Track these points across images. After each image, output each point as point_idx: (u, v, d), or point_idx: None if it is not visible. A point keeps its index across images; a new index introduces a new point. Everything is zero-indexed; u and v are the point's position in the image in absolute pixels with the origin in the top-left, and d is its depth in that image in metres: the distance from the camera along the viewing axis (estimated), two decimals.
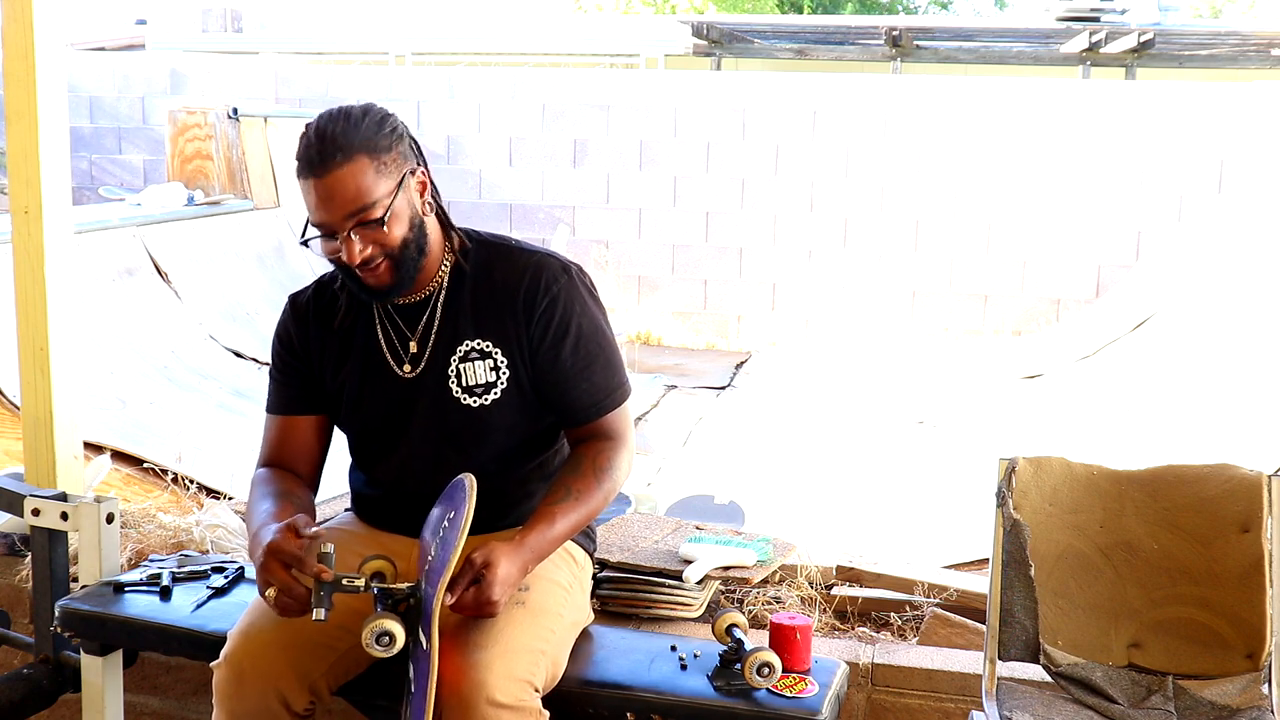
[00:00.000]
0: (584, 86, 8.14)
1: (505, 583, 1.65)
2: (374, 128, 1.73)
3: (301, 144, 1.74)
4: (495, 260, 1.85)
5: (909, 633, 2.39)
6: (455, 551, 1.55)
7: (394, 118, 1.79)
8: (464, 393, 1.82)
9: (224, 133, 6.90)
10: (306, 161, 1.71)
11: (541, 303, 1.80)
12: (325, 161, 1.69)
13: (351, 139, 1.70)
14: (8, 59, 2.39)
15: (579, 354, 1.81)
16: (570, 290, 1.82)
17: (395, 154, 1.74)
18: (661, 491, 4.18)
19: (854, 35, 10.81)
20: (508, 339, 1.81)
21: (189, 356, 5.44)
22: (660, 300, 8.02)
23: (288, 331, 1.94)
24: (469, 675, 1.61)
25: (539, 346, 1.81)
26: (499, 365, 1.82)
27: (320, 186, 1.70)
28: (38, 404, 2.46)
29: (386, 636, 1.55)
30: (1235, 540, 1.92)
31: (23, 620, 2.56)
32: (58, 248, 2.45)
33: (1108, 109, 7.42)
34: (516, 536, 1.71)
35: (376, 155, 1.72)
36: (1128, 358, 5.92)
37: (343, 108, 1.76)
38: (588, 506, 1.79)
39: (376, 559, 1.72)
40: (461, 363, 1.82)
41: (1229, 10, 19.35)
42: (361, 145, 1.71)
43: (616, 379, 1.86)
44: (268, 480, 1.88)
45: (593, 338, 1.83)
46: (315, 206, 1.73)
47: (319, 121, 1.74)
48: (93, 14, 14.30)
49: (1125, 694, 1.92)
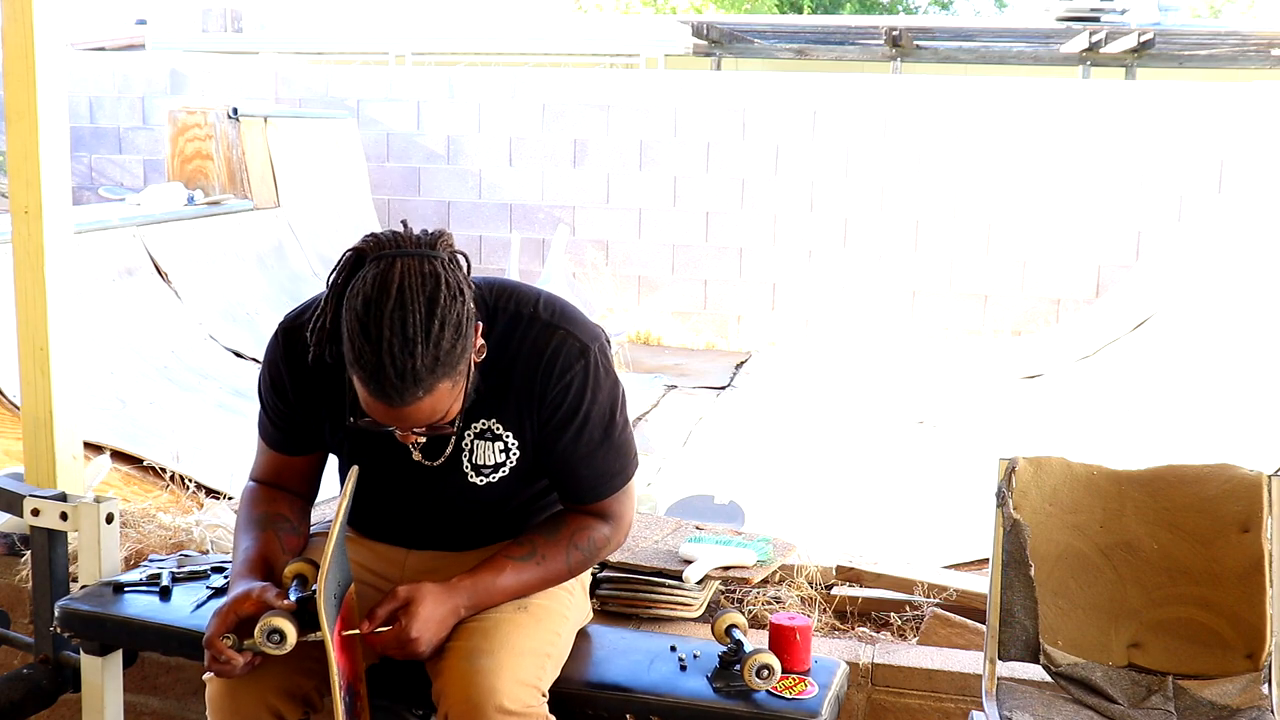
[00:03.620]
0: (584, 86, 8.14)
1: (428, 624, 1.63)
2: (452, 340, 1.51)
3: (367, 361, 1.49)
4: (511, 337, 1.71)
5: (909, 633, 2.39)
6: (330, 542, 1.56)
7: (465, 301, 1.54)
8: (473, 471, 1.75)
9: (224, 133, 6.90)
10: (376, 389, 1.50)
11: (554, 389, 1.70)
12: (405, 398, 1.50)
13: (434, 369, 1.50)
14: (8, 59, 2.39)
15: (582, 441, 1.73)
16: (585, 375, 1.70)
17: (468, 353, 1.56)
18: (661, 491, 4.18)
19: (854, 35, 10.81)
20: (519, 421, 1.73)
21: (189, 356, 5.44)
22: (660, 300, 8.02)
23: (279, 371, 1.77)
24: (477, 681, 1.60)
25: (544, 428, 1.72)
26: (509, 447, 1.74)
27: (392, 413, 1.53)
28: (38, 404, 2.46)
29: (277, 634, 1.58)
30: (1235, 540, 1.92)
31: (23, 620, 2.56)
32: (58, 248, 2.45)
33: (1108, 109, 7.42)
34: (455, 579, 1.69)
35: (454, 372, 1.54)
36: (1128, 358, 5.92)
37: (411, 317, 1.47)
38: (546, 575, 1.75)
39: (299, 562, 1.73)
40: (476, 439, 1.74)
41: (1229, 10, 19.34)
42: (444, 373, 1.51)
43: (619, 463, 1.78)
44: (255, 502, 1.84)
45: (600, 424, 1.73)
46: (382, 418, 1.56)
47: (390, 346, 1.47)
48: (93, 14, 14.30)
49: (1125, 694, 1.92)
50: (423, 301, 1.49)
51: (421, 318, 1.48)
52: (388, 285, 1.49)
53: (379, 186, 8.28)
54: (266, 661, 1.64)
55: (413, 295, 1.49)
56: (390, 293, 1.48)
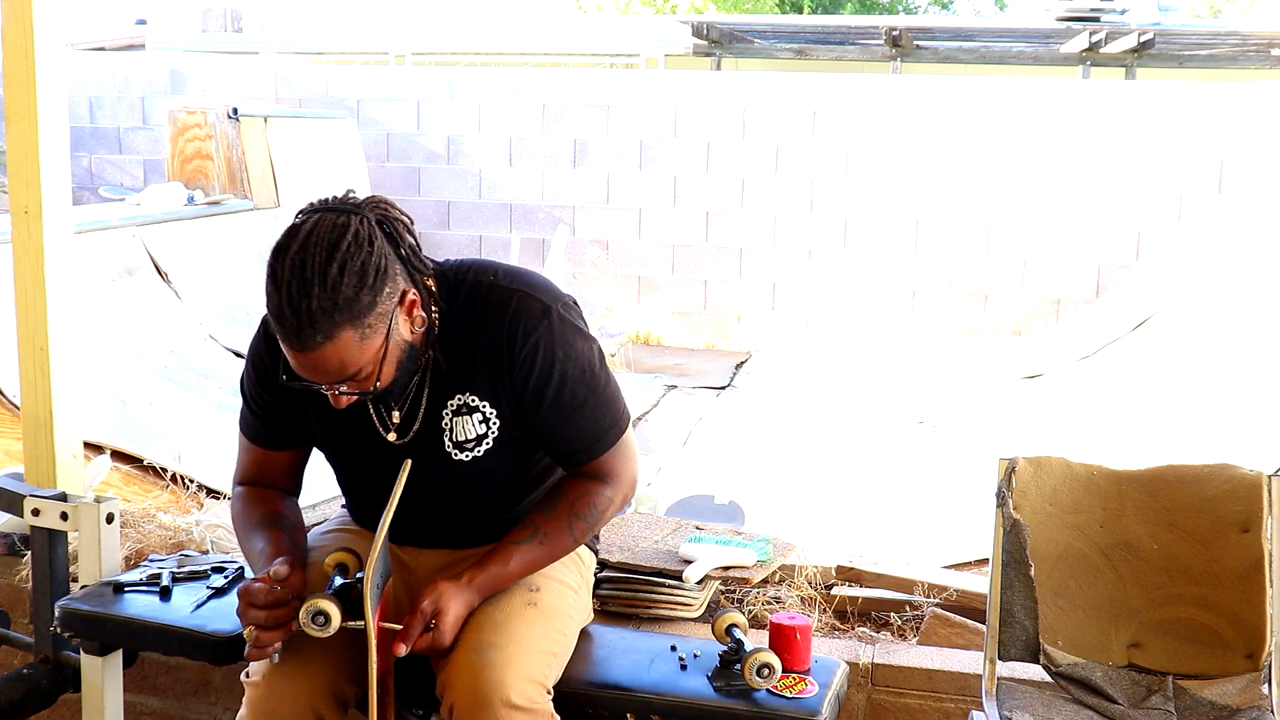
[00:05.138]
0: (584, 86, 8.14)
1: (456, 625, 1.66)
2: (354, 286, 1.52)
3: (271, 305, 1.53)
4: (474, 307, 1.71)
5: (909, 633, 2.39)
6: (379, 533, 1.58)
7: (372, 251, 1.56)
8: (455, 448, 1.75)
9: (224, 133, 6.90)
10: (281, 333, 1.54)
11: (522, 352, 1.68)
12: (304, 341, 1.52)
13: (332, 314, 1.51)
14: (8, 59, 2.39)
15: (563, 401, 1.71)
16: (551, 334, 1.69)
17: (381, 306, 1.57)
18: (661, 491, 4.18)
19: (854, 35, 10.81)
20: (493, 391, 1.72)
21: (189, 356, 5.44)
22: (660, 300, 8.02)
23: (262, 361, 1.79)
24: (485, 675, 1.60)
25: (522, 395, 1.71)
26: (488, 418, 1.74)
27: (301, 359, 1.56)
28: (38, 404, 2.46)
29: (321, 616, 1.59)
30: (1235, 540, 1.92)
31: (23, 620, 2.56)
32: (58, 248, 2.45)
33: (1108, 109, 7.42)
34: (466, 574, 1.69)
35: (362, 322, 1.54)
36: (1128, 358, 5.92)
37: (310, 259, 1.51)
38: (552, 549, 1.75)
39: (341, 551, 1.77)
40: (454, 417, 1.74)
41: (1229, 10, 19.35)
42: (344, 319, 1.52)
43: (609, 419, 1.76)
44: (251, 504, 1.85)
45: (580, 381, 1.71)
46: (297, 369, 1.59)
47: (288, 288, 1.51)
48: (93, 14, 14.30)
49: (1125, 694, 1.92)
50: (324, 247, 1.52)
51: (320, 261, 1.52)
52: (296, 233, 1.56)
53: (379, 186, 8.27)
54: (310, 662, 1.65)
55: (316, 241, 1.53)
56: (297, 239, 1.54)
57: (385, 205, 1.64)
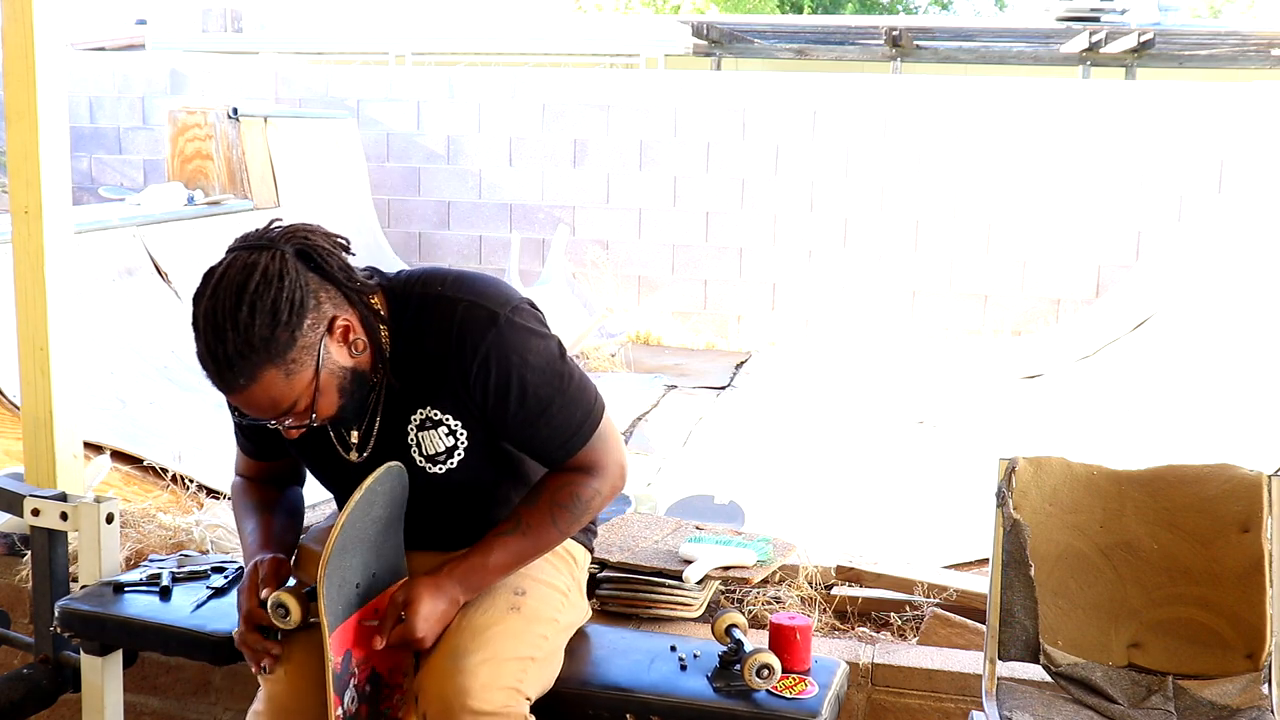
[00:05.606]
0: (584, 86, 8.14)
1: (429, 620, 1.65)
2: (268, 326, 1.51)
3: (197, 354, 1.55)
4: (424, 321, 1.68)
5: (909, 633, 2.39)
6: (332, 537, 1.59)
7: (284, 286, 1.53)
8: (428, 462, 1.74)
9: (224, 133, 6.90)
10: (207, 377, 1.56)
11: (474, 363, 1.65)
12: (228, 384, 1.54)
13: (248, 355, 1.51)
14: (8, 59, 2.39)
15: (528, 406, 1.68)
16: (502, 340, 1.65)
17: (304, 339, 1.55)
18: (661, 491, 4.18)
19: (854, 35, 10.80)
20: (455, 403, 1.70)
21: (189, 356, 5.38)
22: (660, 300, 8.02)
23: None
24: (454, 681, 1.61)
25: (485, 405, 1.69)
26: (454, 430, 1.72)
27: (233, 399, 1.59)
28: (38, 404, 2.46)
29: (282, 609, 1.67)
30: (1235, 540, 1.92)
31: (23, 620, 2.56)
32: (58, 248, 2.45)
33: (1108, 109, 7.42)
34: (445, 568, 1.69)
35: (284, 359, 1.53)
36: (1128, 358, 5.92)
37: (220, 305, 1.51)
38: (536, 542, 1.73)
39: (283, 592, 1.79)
40: (419, 432, 1.73)
41: (1229, 10, 19.35)
42: (262, 359, 1.52)
43: (580, 414, 1.72)
44: (248, 491, 1.91)
45: (542, 383, 1.68)
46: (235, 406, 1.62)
47: (205, 335, 1.52)
48: (93, 14, 14.30)
49: (1125, 694, 1.92)
50: (233, 291, 1.52)
51: (230, 306, 1.51)
52: (210, 278, 1.56)
53: (379, 186, 8.28)
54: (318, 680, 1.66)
55: (226, 285, 1.53)
56: (209, 286, 1.55)
57: (306, 233, 1.62)
